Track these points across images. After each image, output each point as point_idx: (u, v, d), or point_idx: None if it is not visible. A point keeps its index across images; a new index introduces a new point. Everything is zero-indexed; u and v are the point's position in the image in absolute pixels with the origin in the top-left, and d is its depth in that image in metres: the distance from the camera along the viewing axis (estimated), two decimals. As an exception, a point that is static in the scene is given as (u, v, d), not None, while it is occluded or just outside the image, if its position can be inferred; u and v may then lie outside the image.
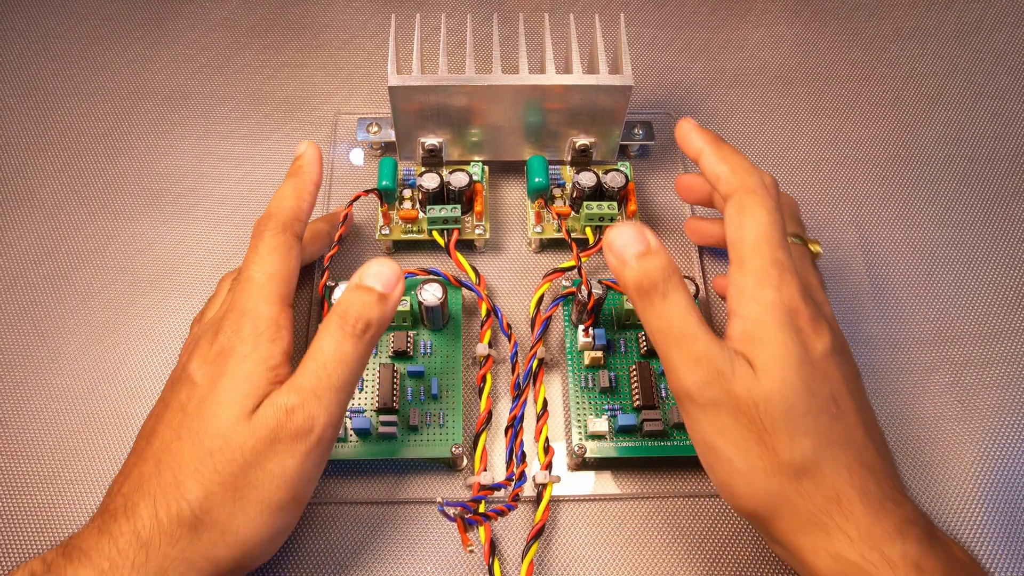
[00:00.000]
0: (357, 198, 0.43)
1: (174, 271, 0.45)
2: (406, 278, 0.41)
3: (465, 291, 0.43)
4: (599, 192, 0.44)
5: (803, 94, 0.53)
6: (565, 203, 0.46)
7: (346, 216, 0.43)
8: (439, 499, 0.33)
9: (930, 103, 0.53)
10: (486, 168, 0.46)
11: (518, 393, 0.40)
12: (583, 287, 0.40)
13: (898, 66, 0.54)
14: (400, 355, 0.41)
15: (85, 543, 0.30)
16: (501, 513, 0.35)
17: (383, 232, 0.44)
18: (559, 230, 0.45)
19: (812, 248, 0.40)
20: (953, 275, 0.46)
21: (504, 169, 0.48)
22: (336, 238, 0.42)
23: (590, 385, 0.40)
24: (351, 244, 0.46)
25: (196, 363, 0.33)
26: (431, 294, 0.40)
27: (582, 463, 0.39)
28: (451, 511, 0.34)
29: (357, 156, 0.49)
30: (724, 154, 0.35)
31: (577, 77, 0.42)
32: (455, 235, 0.44)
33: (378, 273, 0.33)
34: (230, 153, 0.49)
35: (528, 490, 0.38)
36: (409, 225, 0.44)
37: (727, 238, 0.34)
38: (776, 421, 0.30)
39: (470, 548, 0.36)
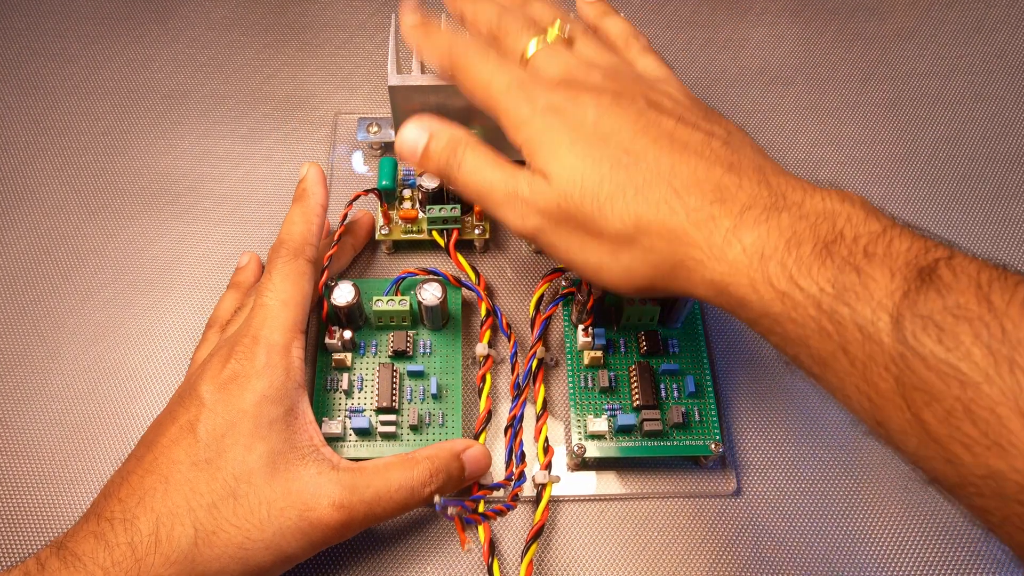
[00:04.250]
0: (357, 198, 0.43)
1: (173, 270, 0.45)
2: (405, 277, 0.41)
3: (465, 291, 0.43)
4: (599, 192, 0.44)
5: (803, 94, 0.53)
6: (565, 203, 0.45)
7: (346, 216, 0.43)
8: (437, 497, 0.33)
9: (930, 104, 0.53)
10: (486, 168, 0.46)
11: (518, 393, 0.39)
12: (583, 287, 0.40)
13: (898, 66, 0.54)
14: (400, 355, 0.41)
15: (79, 548, 0.30)
16: (500, 513, 0.35)
17: (383, 232, 0.44)
18: (559, 230, 0.44)
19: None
20: (953, 275, 0.46)
21: (504, 169, 0.48)
22: (336, 237, 0.42)
23: (590, 385, 0.40)
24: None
25: (206, 384, 0.33)
26: (431, 294, 0.40)
27: (582, 463, 0.39)
28: (450, 509, 0.34)
29: (359, 163, 0.49)
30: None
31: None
32: (455, 235, 0.44)
33: (476, 456, 0.36)
34: (230, 152, 0.49)
35: (528, 490, 0.38)
36: (409, 225, 0.44)
37: None
38: (583, 208, 0.30)
39: (468, 547, 0.36)
